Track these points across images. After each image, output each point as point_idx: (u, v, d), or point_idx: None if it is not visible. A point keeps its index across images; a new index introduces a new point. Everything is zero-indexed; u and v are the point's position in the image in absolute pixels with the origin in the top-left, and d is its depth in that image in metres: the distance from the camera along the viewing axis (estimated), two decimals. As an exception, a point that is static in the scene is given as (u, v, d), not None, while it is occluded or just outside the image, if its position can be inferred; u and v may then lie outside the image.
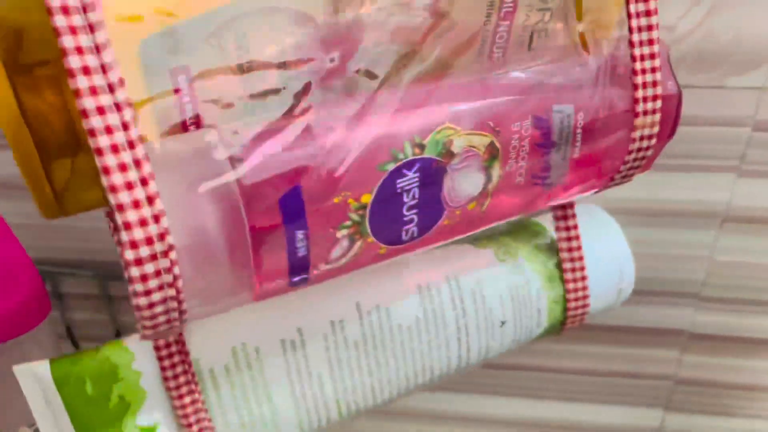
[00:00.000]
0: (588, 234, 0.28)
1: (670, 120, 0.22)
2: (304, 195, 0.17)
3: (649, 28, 0.21)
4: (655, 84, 0.21)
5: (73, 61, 0.14)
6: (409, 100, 0.18)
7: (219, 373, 0.24)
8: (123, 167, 0.14)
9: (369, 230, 0.18)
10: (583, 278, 0.27)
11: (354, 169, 0.17)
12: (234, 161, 0.16)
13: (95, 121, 0.14)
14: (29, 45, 0.16)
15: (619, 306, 0.30)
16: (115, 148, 0.14)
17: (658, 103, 0.21)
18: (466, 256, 0.27)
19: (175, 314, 0.16)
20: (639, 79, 0.21)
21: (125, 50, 0.15)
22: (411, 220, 0.19)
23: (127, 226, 0.15)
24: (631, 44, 0.21)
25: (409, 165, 0.18)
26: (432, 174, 0.19)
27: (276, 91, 0.18)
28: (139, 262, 0.15)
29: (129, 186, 0.15)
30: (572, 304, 0.28)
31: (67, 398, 0.23)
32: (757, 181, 0.32)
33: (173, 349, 0.23)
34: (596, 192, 0.24)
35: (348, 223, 0.18)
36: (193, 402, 0.24)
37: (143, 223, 0.15)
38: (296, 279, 0.18)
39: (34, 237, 0.34)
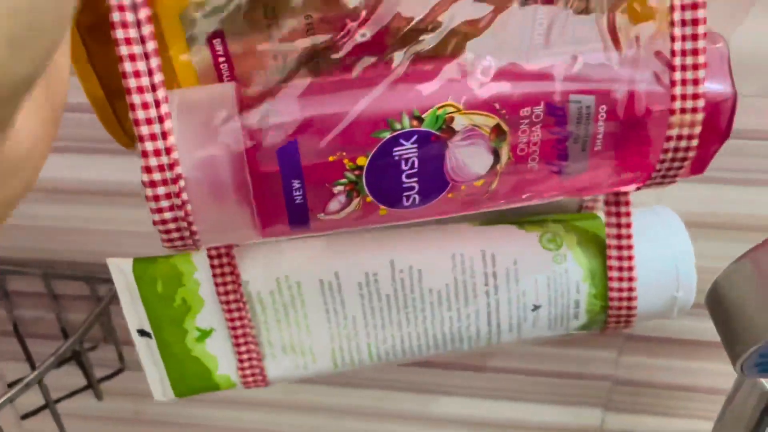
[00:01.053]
0: (646, 234, 0.28)
1: (721, 122, 0.21)
2: (300, 148, 0.19)
3: (695, 22, 0.20)
4: (696, 82, 0.20)
5: (115, 16, 0.17)
6: (414, 74, 0.19)
7: (265, 297, 0.28)
8: (145, 105, 0.18)
9: (366, 190, 0.20)
10: (630, 278, 0.27)
11: (348, 133, 0.19)
12: (243, 111, 0.19)
13: (127, 66, 0.18)
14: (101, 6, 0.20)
15: (677, 316, 0.29)
16: (140, 90, 0.18)
17: (700, 102, 0.20)
18: (509, 235, 0.28)
19: (187, 233, 0.20)
20: (678, 76, 0.20)
21: (170, 13, 0.19)
22: (411, 188, 0.20)
23: (145, 154, 0.18)
24: (672, 38, 0.20)
25: (406, 135, 0.19)
26: (431, 147, 0.20)
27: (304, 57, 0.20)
28: (153, 184, 0.18)
29: (149, 121, 0.18)
30: (615, 303, 0.27)
31: (142, 292, 0.28)
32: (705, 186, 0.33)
33: (226, 269, 0.27)
34: (637, 189, 0.23)
35: (344, 180, 0.20)
36: (240, 318, 0.28)
37: (157, 153, 0.18)
38: (296, 223, 0.20)
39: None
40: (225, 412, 0.45)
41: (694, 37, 0.20)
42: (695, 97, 0.20)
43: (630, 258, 0.26)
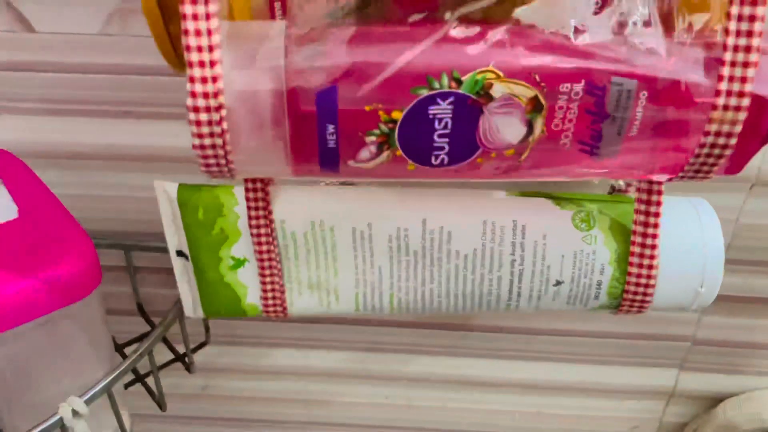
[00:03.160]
0: (678, 225, 0.27)
1: (763, 125, 0.21)
2: (339, 94, 0.20)
3: (752, 18, 0.19)
4: (744, 80, 0.20)
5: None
6: (460, 35, 0.20)
7: (299, 237, 0.29)
8: (198, 33, 0.19)
9: (398, 144, 0.21)
10: (650, 266, 0.27)
11: (387, 85, 0.20)
12: (288, 50, 0.20)
13: (185, -8, 0.19)
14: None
15: (695, 310, 0.29)
16: (195, 17, 0.19)
17: (745, 101, 0.20)
18: (542, 210, 0.28)
19: (223, 161, 0.21)
20: (726, 71, 0.20)
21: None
22: (441, 147, 0.21)
23: (192, 79, 0.19)
24: (726, 32, 0.19)
25: (443, 96, 0.20)
26: (467, 110, 0.20)
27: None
28: (196, 110, 0.20)
29: (199, 49, 0.19)
30: (631, 288, 0.27)
31: (184, 217, 0.29)
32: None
33: (260, 204, 0.28)
34: (668, 180, 0.23)
35: (377, 131, 0.20)
36: (268, 251, 0.29)
37: (204, 80, 0.19)
38: (326, 166, 0.21)
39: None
40: (283, 383, 0.45)
41: (749, 34, 0.19)
42: (740, 95, 0.20)
43: (653, 246, 0.26)
